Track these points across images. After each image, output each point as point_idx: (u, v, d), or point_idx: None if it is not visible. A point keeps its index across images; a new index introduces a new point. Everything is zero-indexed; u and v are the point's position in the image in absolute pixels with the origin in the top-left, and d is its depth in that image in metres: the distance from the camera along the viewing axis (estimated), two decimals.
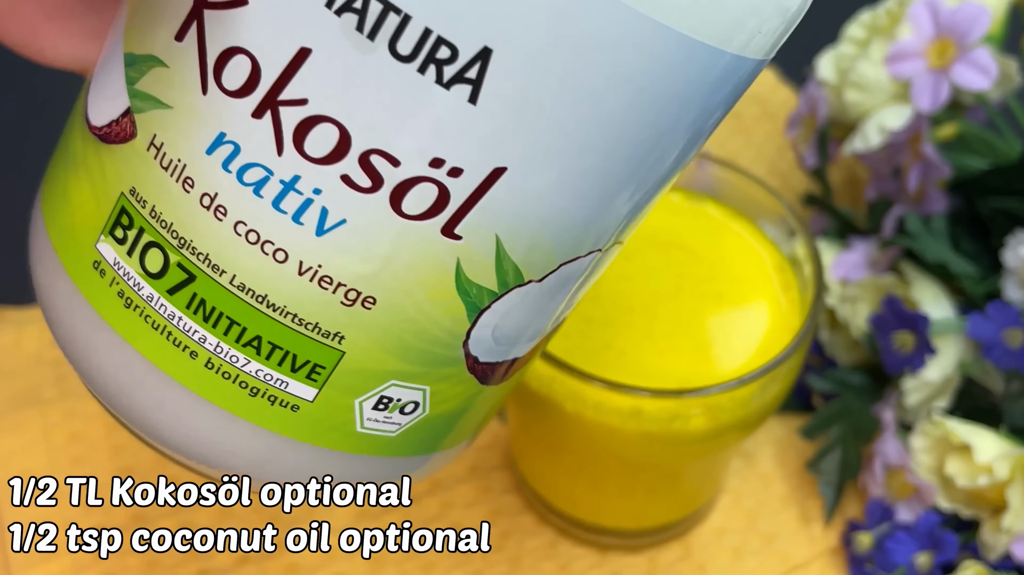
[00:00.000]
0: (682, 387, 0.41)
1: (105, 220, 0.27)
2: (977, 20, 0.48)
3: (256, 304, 0.26)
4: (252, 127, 0.24)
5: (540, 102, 0.23)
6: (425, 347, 0.27)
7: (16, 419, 0.51)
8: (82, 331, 0.28)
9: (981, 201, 0.51)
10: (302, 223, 0.25)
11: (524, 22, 0.22)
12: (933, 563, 0.46)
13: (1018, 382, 0.49)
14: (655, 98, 0.24)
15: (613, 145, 0.24)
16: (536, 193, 0.25)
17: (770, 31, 0.24)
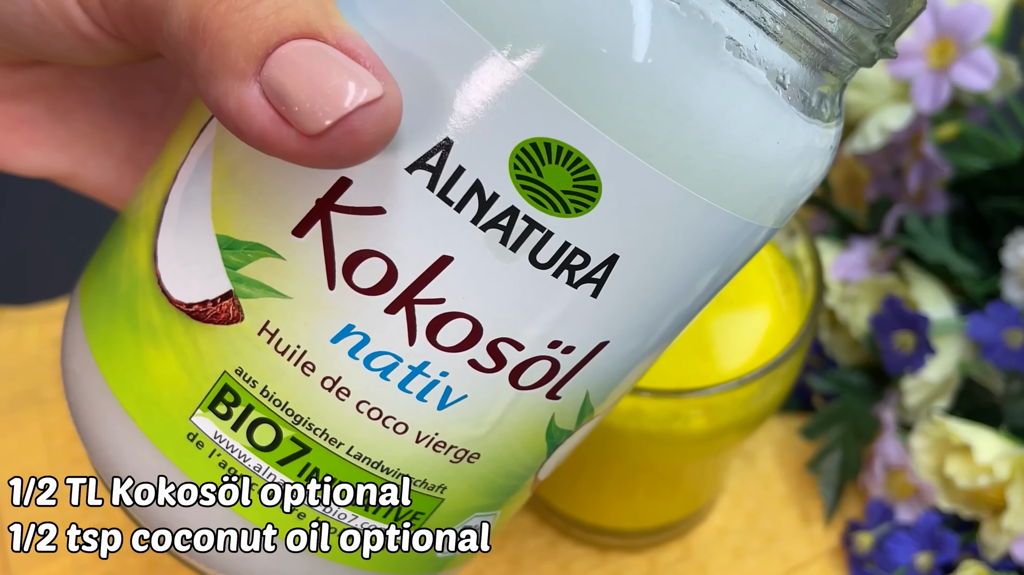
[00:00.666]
0: (682, 387, 0.41)
1: (203, 396, 0.28)
2: (977, 20, 0.48)
3: (370, 469, 0.28)
4: (384, 321, 0.26)
5: (645, 288, 0.27)
6: (508, 482, 0.30)
7: (16, 419, 0.51)
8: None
9: (981, 201, 0.51)
10: (426, 400, 0.27)
11: (647, 232, 0.26)
12: (933, 563, 0.46)
13: (1018, 382, 0.49)
14: (719, 267, 0.28)
15: (685, 308, 0.29)
16: (623, 355, 0.28)
17: (791, 210, 0.29)
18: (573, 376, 0.28)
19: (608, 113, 0.24)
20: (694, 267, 0.27)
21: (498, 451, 0.29)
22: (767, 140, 0.26)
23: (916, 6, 0.27)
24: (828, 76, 0.27)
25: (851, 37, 0.26)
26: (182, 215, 0.28)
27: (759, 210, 0.27)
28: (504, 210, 0.25)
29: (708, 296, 0.29)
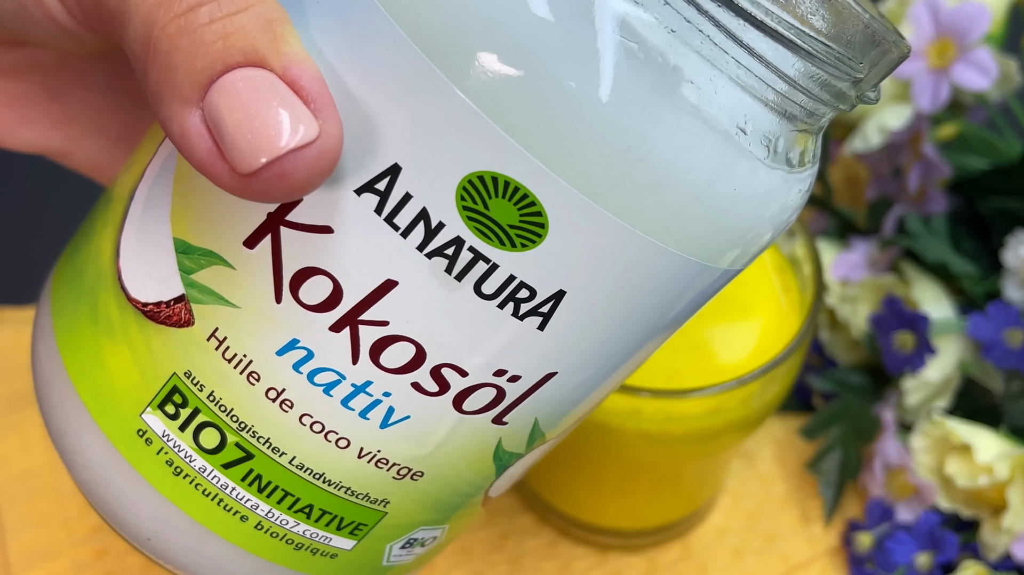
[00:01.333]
0: (681, 387, 0.41)
1: (153, 395, 0.28)
2: (977, 20, 0.48)
3: (312, 480, 0.28)
4: (328, 338, 0.26)
5: (595, 324, 0.27)
6: (455, 499, 0.30)
7: (16, 419, 0.51)
8: (116, 483, 0.29)
9: (981, 201, 0.51)
10: (368, 419, 0.27)
11: (595, 271, 0.25)
12: (933, 563, 0.46)
13: (1018, 382, 0.49)
14: (674, 306, 0.28)
15: (638, 344, 0.28)
16: (573, 385, 0.28)
17: (753, 253, 0.28)
18: (520, 404, 0.28)
19: (557, 152, 0.24)
20: (646, 306, 0.27)
21: (442, 470, 0.29)
22: (723, 186, 0.25)
23: (896, 52, 0.26)
24: (799, 122, 0.26)
25: (822, 84, 0.25)
26: (144, 214, 0.28)
27: (715, 253, 0.27)
28: (449, 240, 0.25)
29: (666, 332, 0.29)
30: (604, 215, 0.25)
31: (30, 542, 0.48)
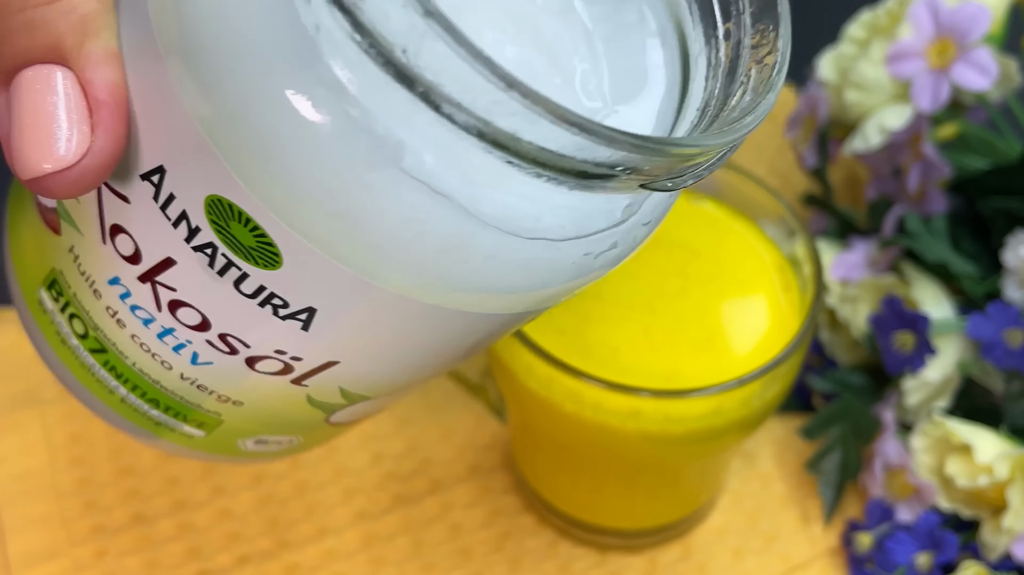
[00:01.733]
0: (681, 387, 0.41)
1: (43, 278, 0.32)
2: (977, 20, 0.48)
3: (152, 383, 0.31)
4: (138, 286, 0.28)
5: (356, 338, 0.28)
6: (290, 423, 0.33)
7: (16, 419, 0.51)
8: (36, 334, 0.34)
9: (981, 201, 0.51)
10: (180, 355, 0.30)
11: (338, 302, 0.26)
12: (933, 563, 0.46)
13: (1018, 382, 0.49)
14: (438, 337, 0.28)
15: (415, 357, 0.29)
16: (365, 372, 0.29)
17: (530, 307, 0.28)
18: (312, 376, 0.29)
19: (279, 198, 0.24)
20: (410, 336, 0.27)
21: (260, 405, 0.31)
22: (453, 257, 0.25)
23: (689, 159, 0.24)
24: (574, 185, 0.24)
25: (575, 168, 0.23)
26: None
27: (464, 304, 0.26)
28: (206, 243, 0.26)
29: (462, 348, 0.29)
30: (333, 264, 0.25)
31: (29, 542, 0.48)
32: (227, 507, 0.49)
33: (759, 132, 0.65)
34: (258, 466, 0.51)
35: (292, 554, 0.48)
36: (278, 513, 0.49)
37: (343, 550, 0.49)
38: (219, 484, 0.50)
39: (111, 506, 0.49)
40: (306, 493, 0.50)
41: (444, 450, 0.52)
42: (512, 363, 0.43)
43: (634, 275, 0.45)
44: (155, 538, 0.48)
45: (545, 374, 0.41)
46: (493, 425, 0.53)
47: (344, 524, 0.49)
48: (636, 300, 0.44)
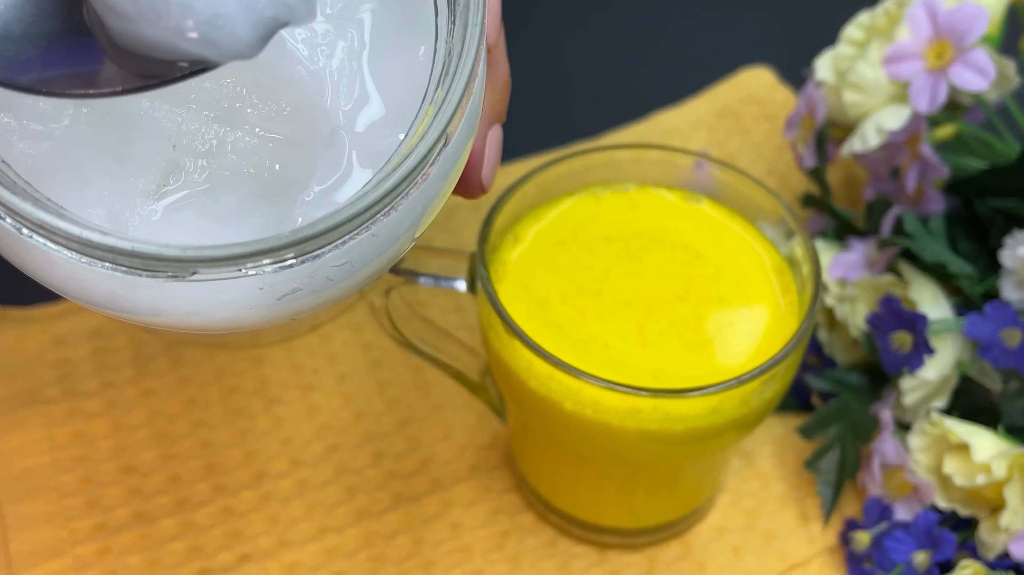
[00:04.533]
0: (681, 387, 0.41)
1: None
2: (975, 21, 0.49)
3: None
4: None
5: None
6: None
7: (18, 418, 0.51)
8: None
9: (979, 201, 0.52)
10: None
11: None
12: (931, 562, 0.46)
13: (1016, 381, 0.49)
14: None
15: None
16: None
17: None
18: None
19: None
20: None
21: None
22: (122, 303, 0.29)
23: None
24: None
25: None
26: None
27: (173, 323, 0.30)
28: None
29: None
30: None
31: (32, 541, 0.48)
32: (228, 506, 0.50)
33: (758, 132, 0.65)
34: (260, 465, 0.51)
35: (293, 553, 0.48)
36: (279, 512, 0.50)
37: (344, 549, 0.49)
38: (220, 483, 0.50)
39: (113, 505, 0.49)
40: (307, 492, 0.50)
41: (444, 449, 0.52)
42: (512, 362, 0.43)
43: (636, 274, 0.45)
44: (157, 537, 0.48)
45: (544, 373, 0.42)
46: (493, 424, 0.53)
47: (345, 523, 0.49)
48: (635, 299, 0.44)
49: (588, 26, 0.73)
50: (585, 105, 0.68)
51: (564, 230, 0.47)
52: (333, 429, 0.52)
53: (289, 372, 0.54)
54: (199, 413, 0.52)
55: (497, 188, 0.60)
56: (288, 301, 0.29)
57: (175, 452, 0.51)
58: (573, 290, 0.44)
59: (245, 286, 0.28)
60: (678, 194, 0.48)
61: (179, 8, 0.26)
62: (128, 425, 0.52)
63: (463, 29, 0.30)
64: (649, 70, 0.70)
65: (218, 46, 0.27)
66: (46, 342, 0.54)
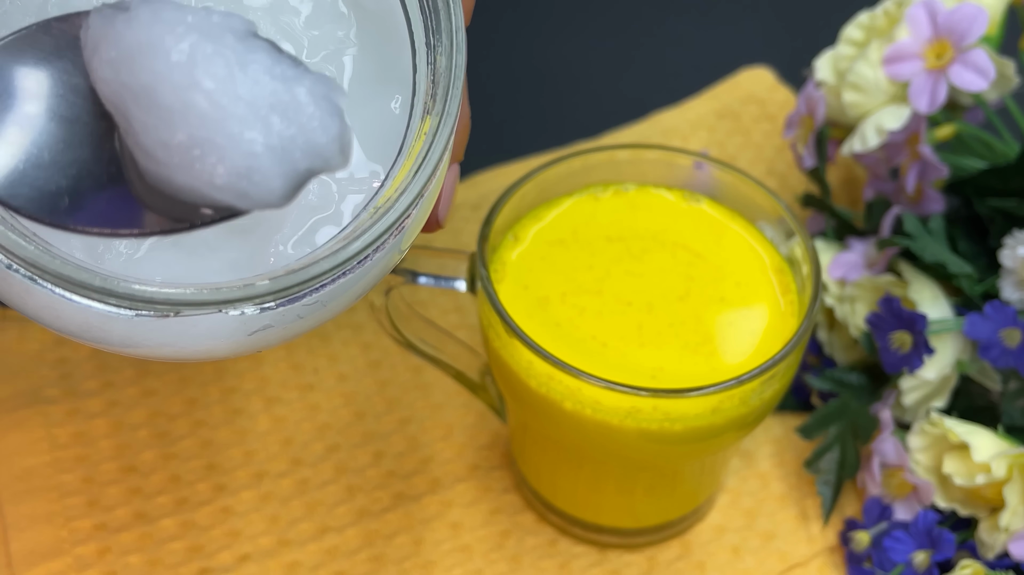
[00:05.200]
0: (681, 386, 0.41)
1: None
2: (975, 21, 0.49)
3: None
4: None
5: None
6: None
7: (19, 418, 0.51)
8: None
9: (979, 201, 0.52)
10: None
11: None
12: (931, 561, 0.46)
13: (1015, 381, 0.49)
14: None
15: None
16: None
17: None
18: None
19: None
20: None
21: None
22: (96, 333, 0.29)
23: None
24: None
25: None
26: None
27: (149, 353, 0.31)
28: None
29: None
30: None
31: (32, 540, 0.48)
32: (228, 505, 0.50)
33: (757, 132, 0.65)
34: (260, 465, 0.51)
35: (293, 552, 0.48)
36: (279, 511, 0.50)
37: (344, 548, 0.49)
38: (221, 483, 0.50)
39: (113, 505, 0.49)
40: (307, 491, 0.50)
41: (444, 449, 0.52)
42: (512, 362, 0.43)
43: (637, 274, 0.45)
44: (157, 536, 0.48)
45: (544, 373, 0.42)
46: (493, 424, 0.53)
47: (345, 522, 0.50)
48: (636, 298, 0.44)
49: (588, 26, 0.73)
50: (585, 105, 0.68)
51: (564, 230, 0.47)
52: (333, 429, 0.52)
53: (289, 372, 0.54)
54: (199, 413, 0.52)
55: (497, 188, 0.60)
56: (259, 336, 0.30)
57: (175, 452, 0.51)
58: (574, 289, 0.44)
59: (219, 322, 0.28)
60: (678, 194, 0.48)
61: (213, 159, 0.26)
62: (128, 425, 0.52)
63: (445, 93, 0.31)
64: (649, 70, 0.70)
65: (250, 198, 0.27)
66: (46, 342, 0.54)
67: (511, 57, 0.71)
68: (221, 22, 0.26)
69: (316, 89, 0.27)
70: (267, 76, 0.26)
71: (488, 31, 0.72)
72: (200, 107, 0.26)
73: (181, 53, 0.25)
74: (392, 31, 0.33)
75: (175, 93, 0.26)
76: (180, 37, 0.25)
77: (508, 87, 0.69)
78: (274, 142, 0.26)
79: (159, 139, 0.26)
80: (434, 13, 0.31)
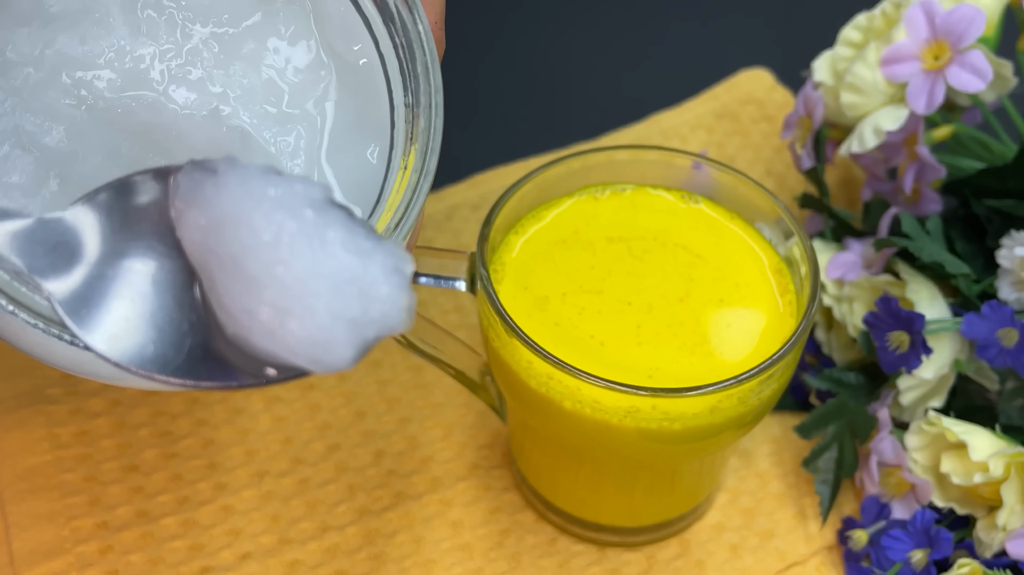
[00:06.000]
0: (680, 386, 0.41)
1: None
2: (972, 22, 0.49)
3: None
4: None
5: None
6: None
7: (21, 417, 0.51)
8: None
9: (976, 202, 0.52)
10: None
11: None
12: (928, 560, 0.47)
13: (1013, 381, 0.50)
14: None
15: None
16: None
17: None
18: None
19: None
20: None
21: None
22: (87, 369, 0.32)
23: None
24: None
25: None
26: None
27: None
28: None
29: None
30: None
31: (34, 539, 0.48)
32: (230, 504, 0.50)
33: (756, 133, 0.65)
34: (261, 464, 0.51)
35: (294, 551, 0.49)
36: (280, 510, 0.50)
37: (345, 547, 0.49)
38: (222, 482, 0.50)
39: (115, 503, 0.49)
40: (308, 490, 0.50)
41: (444, 448, 0.52)
42: (511, 362, 0.43)
43: (639, 274, 0.45)
44: (159, 535, 0.49)
45: (544, 372, 0.42)
46: (493, 423, 0.53)
47: (346, 521, 0.50)
48: (636, 298, 0.44)
49: (588, 28, 0.73)
50: (584, 106, 0.68)
51: (565, 230, 0.47)
52: (334, 428, 0.53)
53: None
54: (201, 412, 0.53)
55: (497, 188, 0.60)
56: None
57: (177, 451, 0.51)
58: (574, 289, 0.45)
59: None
60: (676, 195, 0.48)
61: (292, 327, 0.27)
62: (130, 424, 0.52)
63: (424, 151, 0.32)
64: (648, 71, 0.70)
65: (322, 364, 0.28)
66: None
67: (511, 58, 0.71)
68: (303, 192, 0.28)
69: (387, 263, 0.28)
70: (345, 252, 0.28)
71: (488, 32, 0.72)
72: (284, 281, 0.27)
73: (268, 233, 0.27)
74: (371, 85, 0.34)
75: (261, 266, 0.27)
76: (267, 215, 0.27)
77: (508, 88, 0.69)
78: (350, 316, 0.28)
79: (242, 305, 0.28)
80: (413, 77, 0.33)
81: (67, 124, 0.31)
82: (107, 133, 0.32)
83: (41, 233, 0.28)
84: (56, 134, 0.31)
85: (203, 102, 0.33)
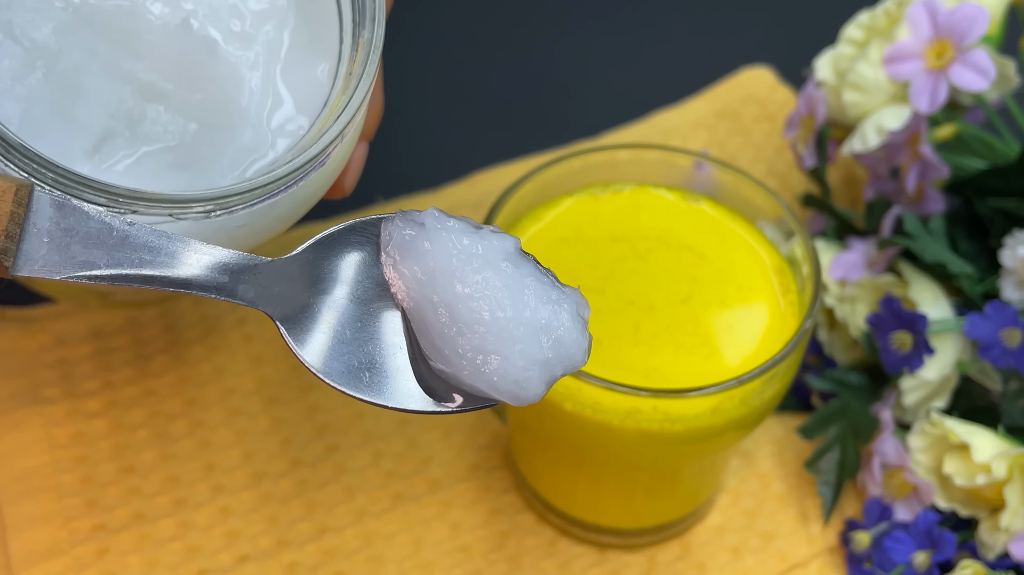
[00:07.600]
0: (681, 386, 0.41)
1: None
2: (975, 21, 0.49)
3: None
4: None
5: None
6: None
7: (18, 418, 0.51)
8: None
9: (979, 201, 0.52)
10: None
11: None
12: (931, 562, 0.46)
13: (1016, 381, 0.49)
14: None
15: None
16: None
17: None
18: None
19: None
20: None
21: None
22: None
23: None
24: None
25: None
26: None
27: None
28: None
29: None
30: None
31: (31, 541, 0.48)
32: (228, 506, 0.50)
33: (758, 132, 0.65)
34: (259, 465, 0.51)
35: (292, 553, 0.48)
36: (278, 512, 0.50)
37: (343, 549, 0.49)
38: (219, 483, 0.50)
39: (112, 505, 0.49)
40: (306, 492, 0.50)
41: (444, 449, 0.52)
42: None
43: (643, 274, 0.45)
44: (156, 537, 0.48)
45: None
46: (493, 425, 0.53)
47: (344, 523, 0.49)
48: (638, 298, 0.44)
49: (588, 26, 0.73)
50: (585, 105, 0.68)
51: (567, 229, 0.47)
52: (332, 429, 0.52)
53: (289, 372, 0.54)
54: (198, 413, 0.52)
55: (497, 188, 0.60)
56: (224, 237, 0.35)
57: (174, 452, 0.51)
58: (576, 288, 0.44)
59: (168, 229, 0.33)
60: (678, 194, 0.48)
61: (496, 367, 0.32)
62: (128, 425, 0.52)
63: (365, 57, 0.37)
64: (649, 70, 0.70)
65: (517, 398, 0.33)
66: (46, 342, 0.54)
67: (511, 57, 0.71)
68: (500, 247, 0.33)
69: (572, 310, 0.33)
70: (538, 302, 0.33)
71: (489, 32, 0.72)
72: (489, 327, 0.32)
73: (477, 286, 0.32)
74: (324, 10, 0.39)
75: (471, 314, 0.32)
76: (476, 271, 0.32)
77: (508, 87, 0.69)
78: (543, 358, 0.32)
79: (453, 347, 0.33)
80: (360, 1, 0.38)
81: (55, 23, 0.35)
82: (88, 35, 0.35)
83: (274, 269, 0.33)
84: (45, 30, 0.35)
85: (176, 14, 0.36)
